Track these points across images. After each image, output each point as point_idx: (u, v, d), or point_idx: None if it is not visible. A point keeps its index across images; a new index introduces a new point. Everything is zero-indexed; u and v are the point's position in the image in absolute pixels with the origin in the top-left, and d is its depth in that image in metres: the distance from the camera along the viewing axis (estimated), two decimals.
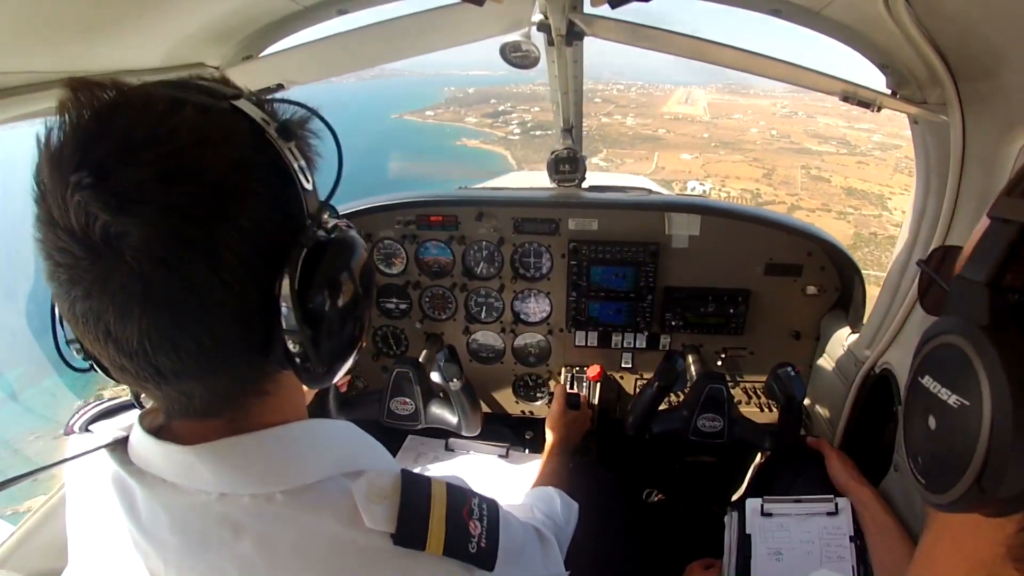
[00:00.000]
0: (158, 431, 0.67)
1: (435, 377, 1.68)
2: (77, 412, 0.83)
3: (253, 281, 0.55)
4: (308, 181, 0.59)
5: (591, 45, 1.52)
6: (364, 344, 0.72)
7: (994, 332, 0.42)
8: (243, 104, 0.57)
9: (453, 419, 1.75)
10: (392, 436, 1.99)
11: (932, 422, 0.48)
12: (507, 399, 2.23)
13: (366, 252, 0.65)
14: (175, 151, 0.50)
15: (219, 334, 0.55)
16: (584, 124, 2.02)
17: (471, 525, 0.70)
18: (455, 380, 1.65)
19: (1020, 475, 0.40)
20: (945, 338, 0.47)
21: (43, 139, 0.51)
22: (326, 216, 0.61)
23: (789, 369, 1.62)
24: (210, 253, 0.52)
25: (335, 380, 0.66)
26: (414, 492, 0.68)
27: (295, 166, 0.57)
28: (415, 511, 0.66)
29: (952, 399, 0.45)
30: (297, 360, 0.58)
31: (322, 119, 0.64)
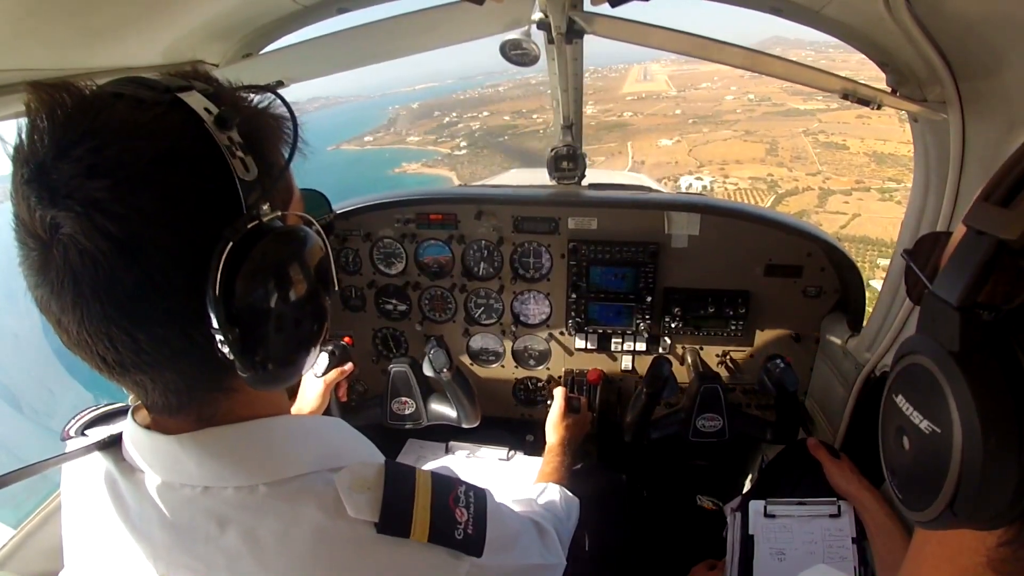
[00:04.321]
0: (149, 426, 0.67)
1: (426, 370, 1.67)
2: (74, 417, 0.84)
3: (186, 278, 0.53)
4: (248, 172, 0.56)
5: None
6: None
7: (965, 359, 0.41)
8: (189, 96, 0.55)
9: (452, 413, 1.74)
10: (392, 439, 1.98)
11: (906, 442, 0.47)
12: (507, 402, 2.23)
13: (320, 248, 0.62)
14: (101, 146, 0.50)
15: (154, 332, 0.54)
16: (538, 121, 2.00)
17: (457, 512, 0.70)
18: (444, 371, 1.63)
19: (991, 503, 0.40)
20: (916, 358, 0.46)
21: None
22: (265, 207, 0.57)
23: (779, 360, 1.62)
24: (133, 249, 0.51)
25: (285, 383, 0.64)
26: (398, 481, 0.68)
27: (231, 157, 0.55)
28: (399, 499, 0.66)
29: (924, 424, 0.44)
30: (232, 361, 0.55)
31: (281, 98, 0.63)
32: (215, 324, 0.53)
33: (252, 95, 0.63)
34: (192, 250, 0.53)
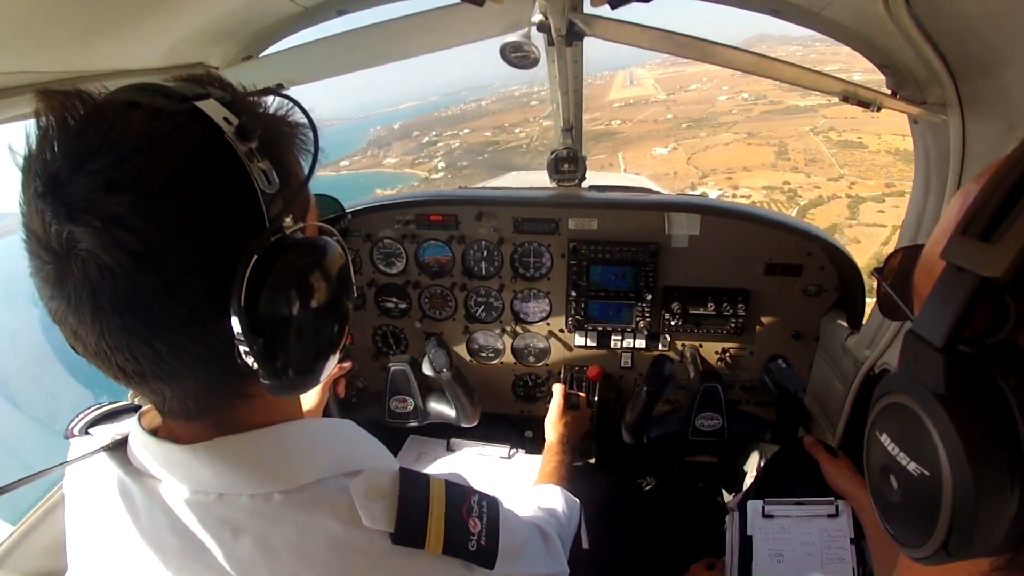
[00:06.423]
0: (156, 431, 0.67)
1: (426, 369, 1.69)
2: (78, 415, 0.83)
3: (206, 289, 0.53)
4: (271, 184, 0.56)
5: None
6: (343, 351, 0.68)
7: (951, 401, 0.40)
8: (207, 105, 0.54)
9: (451, 412, 1.75)
10: (393, 437, 1.99)
11: (893, 482, 0.46)
12: (507, 399, 2.23)
13: (341, 257, 0.63)
14: (119, 159, 0.49)
15: (173, 341, 0.54)
16: (520, 136, 2.01)
17: (471, 523, 0.69)
18: (444, 370, 1.65)
19: (985, 541, 0.39)
20: (900, 398, 0.45)
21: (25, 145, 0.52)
22: (288, 220, 0.57)
23: (780, 361, 1.62)
24: (154, 262, 0.50)
25: (306, 389, 0.64)
26: (413, 490, 0.67)
27: (253, 168, 0.54)
28: (414, 509, 0.66)
29: (912, 466, 0.43)
30: (255, 369, 0.56)
31: (299, 105, 0.62)
32: (239, 335, 0.53)
33: (266, 100, 0.62)
34: (213, 259, 0.53)
